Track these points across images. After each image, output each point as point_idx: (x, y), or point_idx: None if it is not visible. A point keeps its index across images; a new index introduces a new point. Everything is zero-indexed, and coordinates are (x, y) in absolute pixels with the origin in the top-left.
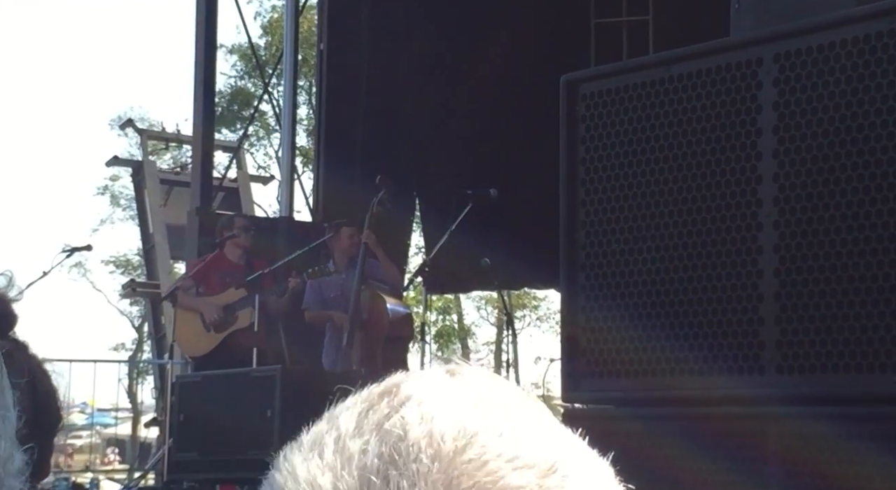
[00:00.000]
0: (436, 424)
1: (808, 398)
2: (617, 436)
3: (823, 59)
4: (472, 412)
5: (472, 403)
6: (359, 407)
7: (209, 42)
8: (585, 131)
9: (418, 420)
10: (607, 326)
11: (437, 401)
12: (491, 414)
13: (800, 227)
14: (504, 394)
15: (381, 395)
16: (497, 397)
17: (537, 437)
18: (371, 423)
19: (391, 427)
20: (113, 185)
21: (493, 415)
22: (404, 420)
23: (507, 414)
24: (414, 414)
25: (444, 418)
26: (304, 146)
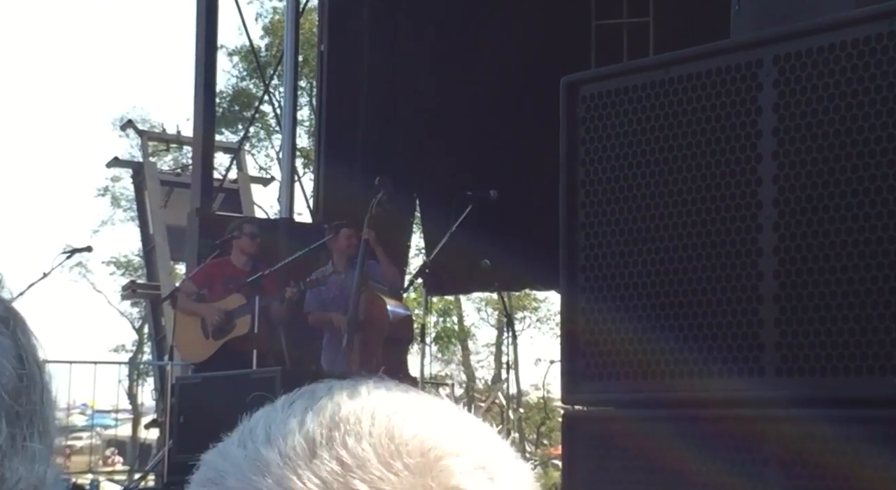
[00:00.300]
0: (365, 397)
1: (808, 400)
2: (616, 437)
3: (823, 61)
4: (389, 389)
5: (387, 386)
6: (279, 402)
7: (210, 43)
8: (585, 133)
9: (347, 398)
10: (607, 328)
11: (359, 387)
12: (408, 391)
13: (799, 228)
14: (420, 395)
15: (294, 392)
16: (413, 393)
17: (450, 408)
18: (298, 409)
19: (322, 406)
20: (114, 186)
21: (415, 399)
22: (335, 400)
23: (428, 402)
24: (341, 395)
25: (370, 394)
26: (305, 147)
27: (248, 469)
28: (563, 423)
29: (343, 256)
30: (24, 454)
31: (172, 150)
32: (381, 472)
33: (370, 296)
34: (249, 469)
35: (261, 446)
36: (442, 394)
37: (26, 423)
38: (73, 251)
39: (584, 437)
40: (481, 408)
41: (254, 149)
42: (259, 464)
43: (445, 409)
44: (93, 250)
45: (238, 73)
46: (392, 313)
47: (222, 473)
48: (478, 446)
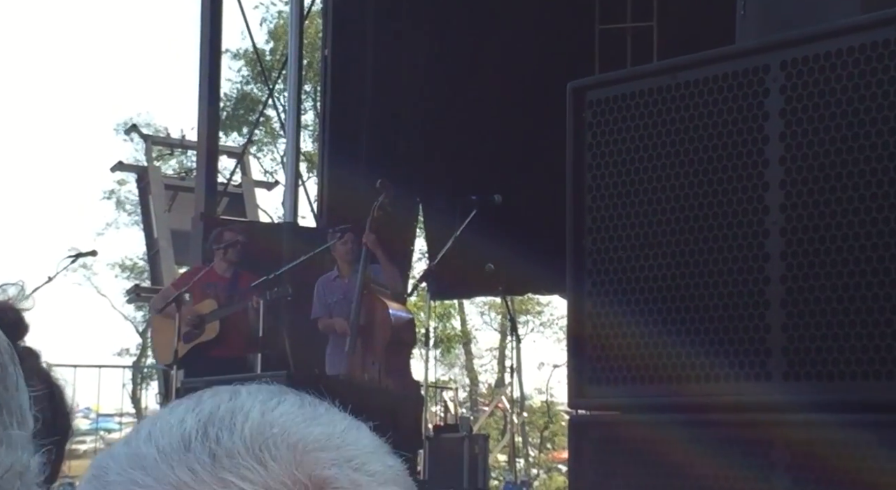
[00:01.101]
0: (243, 399)
1: (815, 405)
2: (623, 442)
3: (830, 67)
4: (272, 393)
5: (270, 390)
6: (172, 403)
7: (214, 48)
8: (592, 138)
9: (227, 399)
10: (614, 333)
11: (241, 389)
12: (290, 394)
13: (807, 234)
14: (299, 396)
15: (189, 395)
16: (293, 395)
17: (329, 410)
18: (180, 411)
19: (202, 406)
20: (119, 190)
21: (292, 395)
22: (214, 401)
23: (302, 397)
24: (224, 396)
25: (250, 395)
26: (309, 151)
27: (128, 464)
28: (570, 428)
29: (344, 261)
30: (7, 442)
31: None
32: (250, 463)
33: (372, 299)
34: (129, 464)
35: (142, 443)
36: (446, 397)
37: (6, 411)
38: (78, 255)
39: (590, 442)
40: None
41: (258, 153)
42: (138, 458)
43: (321, 408)
44: (98, 254)
45: (242, 77)
46: (394, 317)
47: (105, 469)
48: (347, 442)
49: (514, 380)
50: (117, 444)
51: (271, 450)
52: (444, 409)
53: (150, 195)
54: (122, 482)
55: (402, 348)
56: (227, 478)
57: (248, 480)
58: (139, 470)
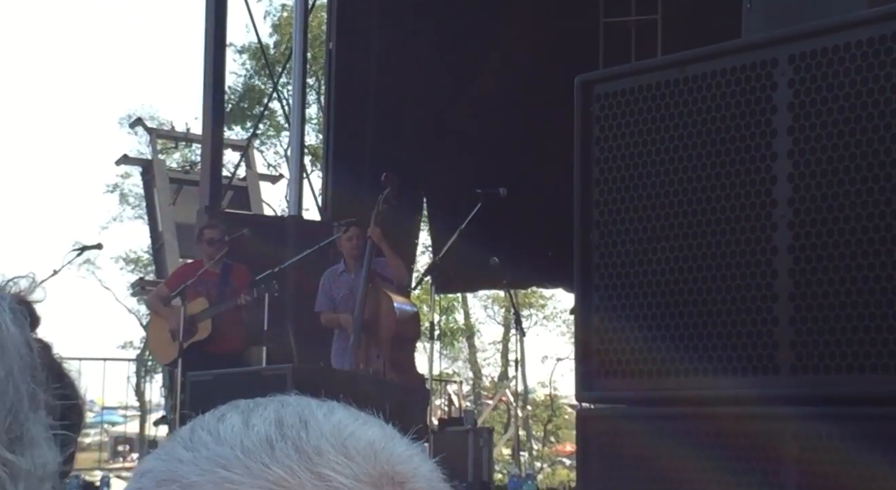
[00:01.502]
0: (297, 405)
1: (823, 398)
2: (630, 435)
3: (838, 60)
4: (317, 402)
5: (310, 400)
6: (217, 412)
7: (219, 41)
8: (600, 132)
9: (280, 407)
10: (621, 326)
11: (290, 400)
12: (337, 406)
13: (814, 227)
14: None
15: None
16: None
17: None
18: (236, 418)
19: (260, 413)
20: (123, 183)
21: (335, 405)
22: (271, 406)
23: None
24: (275, 404)
25: (299, 403)
26: (313, 145)
27: (207, 464)
28: (577, 421)
29: (349, 256)
30: (48, 441)
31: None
32: (338, 458)
33: (377, 293)
34: (209, 464)
35: (214, 445)
36: (450, 391)
37: (43, 411)
38: (83, 248)
39: (598, 435)
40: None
41: (262, 146)
42: (220, 459)
43: (364, 415)
44: (103, 248)
45: (246, 71)
46: (399, 310)
47: (176, 473)
48: (403, 441)
49: (518, 373)
50: (170, 452)
51: (354, 445)
52: (448, 402)
53: (155, 188)
54: (213, 481)
55: (407, 342)
56: (322, 472)
57: (341, 474)
58: (224, 469)
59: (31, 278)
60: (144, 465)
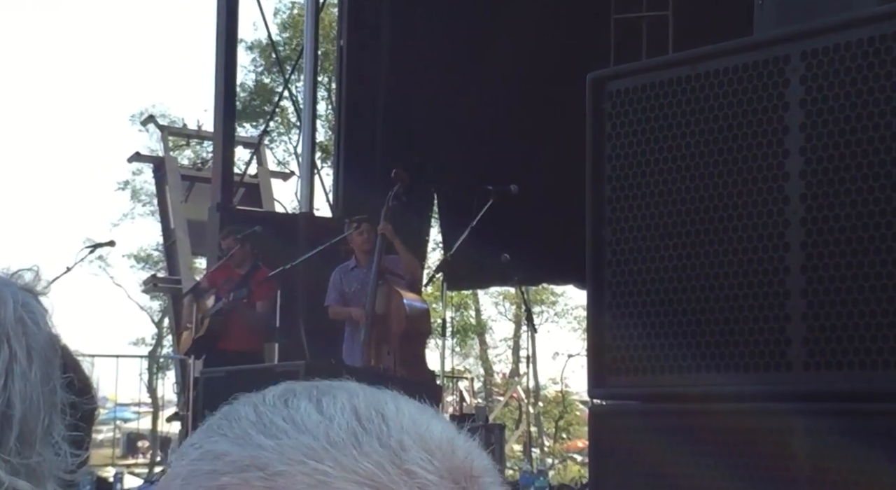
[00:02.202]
0: (365, 396)
1: (836, 395)
2: (642, 432)
3: (851, 57)
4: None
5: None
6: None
7: (230, 39)
8: (612, 129)
9: (348, 397)
10: (633, 323)
11: (347, 386)
12: (401, 397)
13: (826, 223)
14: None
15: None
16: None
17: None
18: (306, 406)
19: (334, 401)
20: (134, 180)
21: (400, 396)
22: (337, 399)
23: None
24: (342, 393)
25: (369, 395)
26: (324, 142)
27: (294, 453)
28: (590, 418)
29: (360, 252)
30: (69, 439)
31: (193, 145)
32: (422, 454)
33: (387, 289)
34: (295, 453)
35: (296, 434)
36: (461, 387)
37: (63, 408)
38: (95, 245)
39: (610, 432)
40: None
41: (272, 143)
42: (305, 448)
43: (420, 404)
44: (115, 245)
45: (255, 67)
46: (409, 307)
47: (258, 459)
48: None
49: (529, 370)
50: (238, 435)
51: (432, 440)
52: (460, 398)
53: (167, 186)
54: (304, 472)
55: (417, 338)
56: (410, 468)
57: (427, 471)
58: (315, 461)
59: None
60: (213, 446)
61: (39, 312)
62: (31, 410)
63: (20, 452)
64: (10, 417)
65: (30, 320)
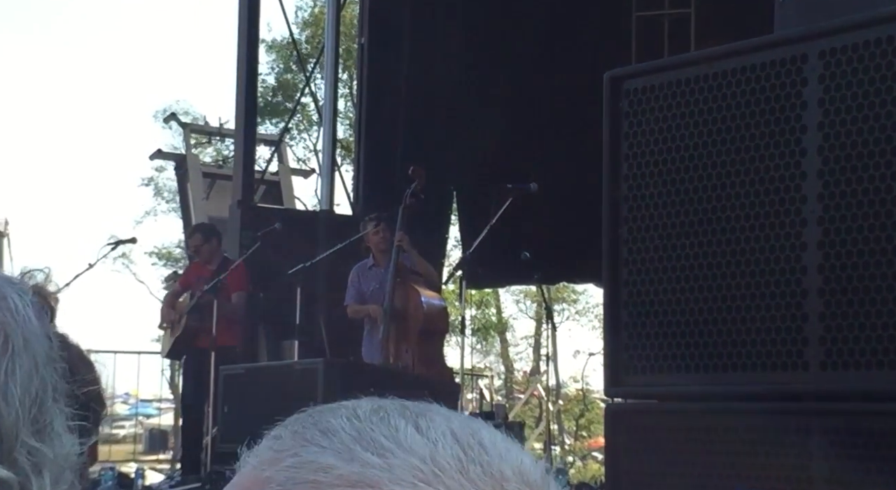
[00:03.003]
0: (459, 423)
1: (852, 394)
2: (659, 431)
3: (869, 56)
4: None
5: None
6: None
7: (252, 37)
8: (629, 127)
9: (434, 421)
10: (650, 322)
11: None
12: (480, 422)
13: (844, 223)
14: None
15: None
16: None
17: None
18: (409, 424)
19: (431, 424)
20: (157, 177)
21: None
22: (437, 420)
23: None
24: (422, 417)
25: (458, 420)
26: (345, 139)
27: (404, 474)
28: (606, 416)
29: (377, 250)
30: (71, 430)
31: (214, 143)
32: (522, 486)
33: (405, 287)
34: (406, 475)
35: (402, 454)
36: (481, 385)
37: (65, 401)
38: (118, 242)
39: (627, 430)
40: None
41: (293, 140)
42: (415, 470)
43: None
44: (137, 242)
45: (276, 66)
46: (426, 304)
47: (367, 477)
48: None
49: (550, 368)
50: (339, 448)
51: (530, 475)
52: (480, 396)
53: (189, 183)
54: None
55: (435, 336)
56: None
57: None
58: (425, 484)
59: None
60: (312, 455)
61: (33, 310)
62: (11, 405)
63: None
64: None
65: (19, 317)
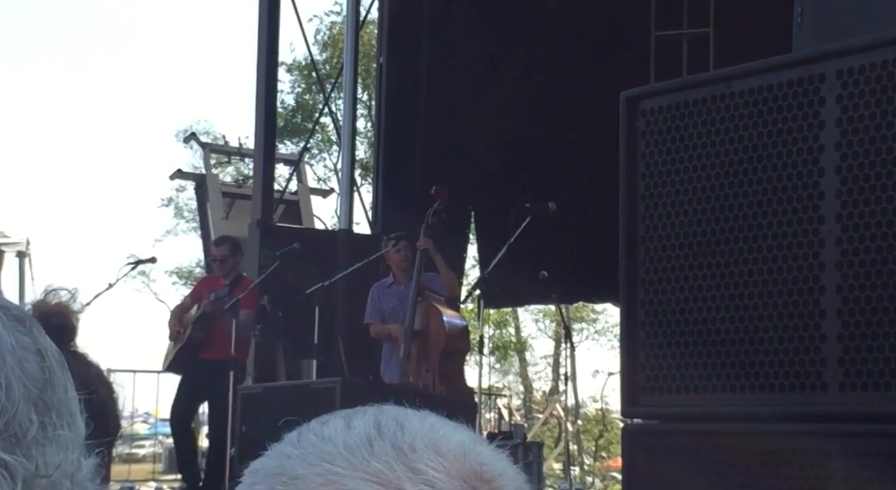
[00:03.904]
0: (391, 414)
1: (872, 416)
2: (677, 452)
3: (887, 76)
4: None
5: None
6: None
7: (271, 57)
8: (645, 147)
9: (381, 412)
10: (667, 342)
11: (386, 408)
12: (430, 413)
13: (863, 243)
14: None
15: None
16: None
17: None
18: (339, 421)
19: (360, 417)
20: (178, 197)
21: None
22: (368, 413)
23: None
24: (375, 410)
25: (393, 412)
26: (364, 159)
27: (313, 459)
28: (623, 437)
29: (398, 269)
30: (57, 442)
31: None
32: (431, 455)
33: (427, 306)
34: (314, 459)
35: (318, 443)
36: (500, 404)
37: (55, 413)
38: (138, 262)
39: (643, 451)
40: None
41: (312, 160)
42: (324, 454)
43: (452, 421)
44: (157, 261)
45: (295, 88)
46: (448, 324)
47: (284, 467)
48: (485, 441)
49: (569, 387)
50: (279, 451)
51: (445, 445)
52: (499, 416)
53: (208, 202)
54: (318, 473)
55: (456, 355)
56: (417, 466)
57: (434, 469)
58: (328, 463)
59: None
60: (256, 464)
61: (7, 324)
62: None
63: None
64: None
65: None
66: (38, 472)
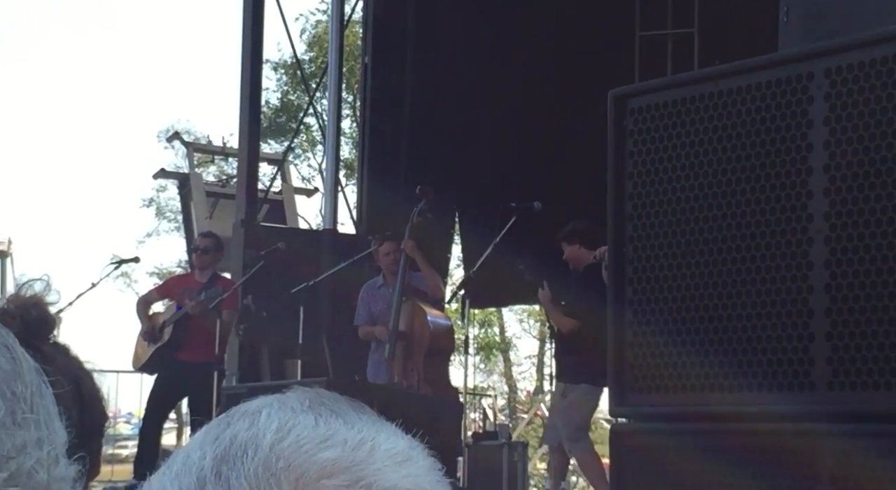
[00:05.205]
0: (259, 426)
1: (859, 415)
2: (664, 451)
3: (875, 74)
4: (293, 413)
5: (294, 406)
6: (206, 428)
7: (255, 57)
8: (633, 146)
9: (246, 427)
10: (655, 341)
11: (263, 410)
12: (309, 412)
13: (851, 242)
14: (323, 398)
15: (221, 416)
16: (317, 400)
17: (348, 423)
18: (210, 438)
19: (222, 437)
20: (159, 197)
21: (312, 412)
22: (234, 429)
23: (324, 411)
24: (244, 423)
25: (267, 420)
26: (348, 158)
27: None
28: (611, 437)
29: (389, 271)
30: (26, 426)
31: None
32: (281, 434)
33: (411, 306)
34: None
35: (168, 483)
36: (485, 405)
37: (23, 402)
38: (120, 262)
39: (631, 451)
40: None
41: (297, 159)
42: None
43: (336, 424)
44: (140, 261)
45: (280, 86)
46: (432, 324)
47: None
48: (357, 461)
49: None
50: (153, 478)
51: (277, 487)
52: (483, 416)
53: (192, 202)
54: None
55: (441, 355)
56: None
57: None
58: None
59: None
60: (145, 484)
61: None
62: None
63: None
64: None
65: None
66: (7, 454)
